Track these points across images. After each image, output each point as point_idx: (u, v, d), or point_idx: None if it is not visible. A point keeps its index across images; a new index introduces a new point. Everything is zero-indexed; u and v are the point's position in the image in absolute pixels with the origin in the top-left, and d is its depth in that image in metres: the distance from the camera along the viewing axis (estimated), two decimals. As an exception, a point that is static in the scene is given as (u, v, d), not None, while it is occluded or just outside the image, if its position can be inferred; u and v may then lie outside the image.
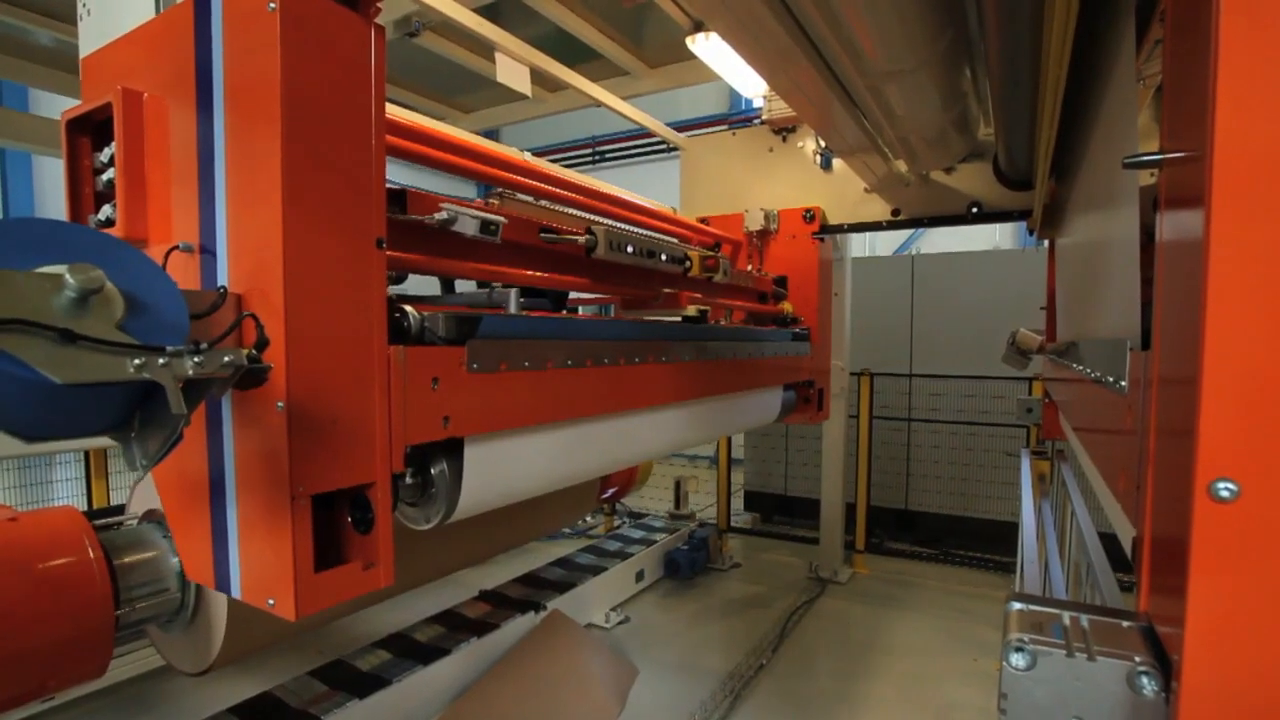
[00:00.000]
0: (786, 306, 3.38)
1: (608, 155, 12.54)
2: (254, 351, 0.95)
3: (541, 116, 4.61)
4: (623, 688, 3.60)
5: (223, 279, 1.10)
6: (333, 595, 1.11)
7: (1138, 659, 0.59)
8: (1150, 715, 0.58)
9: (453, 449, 1.38)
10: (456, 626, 3.62)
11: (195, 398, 0.85)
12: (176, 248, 1.14)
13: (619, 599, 4.81)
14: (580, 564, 4.88)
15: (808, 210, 3.44)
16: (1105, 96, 1.28)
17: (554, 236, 1.88)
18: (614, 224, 2.35)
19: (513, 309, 1.62)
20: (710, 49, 3.40)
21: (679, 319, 2.47)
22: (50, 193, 9.57)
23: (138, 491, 2.13)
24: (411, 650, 3.35)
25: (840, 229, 3.48)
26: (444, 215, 1.50)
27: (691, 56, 3.54)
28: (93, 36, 1.32)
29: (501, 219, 1.62)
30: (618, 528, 6.27)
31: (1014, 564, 2.32)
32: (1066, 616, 0.68)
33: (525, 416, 1.53)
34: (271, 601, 1.08)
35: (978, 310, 6.06)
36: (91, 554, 1.63)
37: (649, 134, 4.34)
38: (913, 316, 6.40)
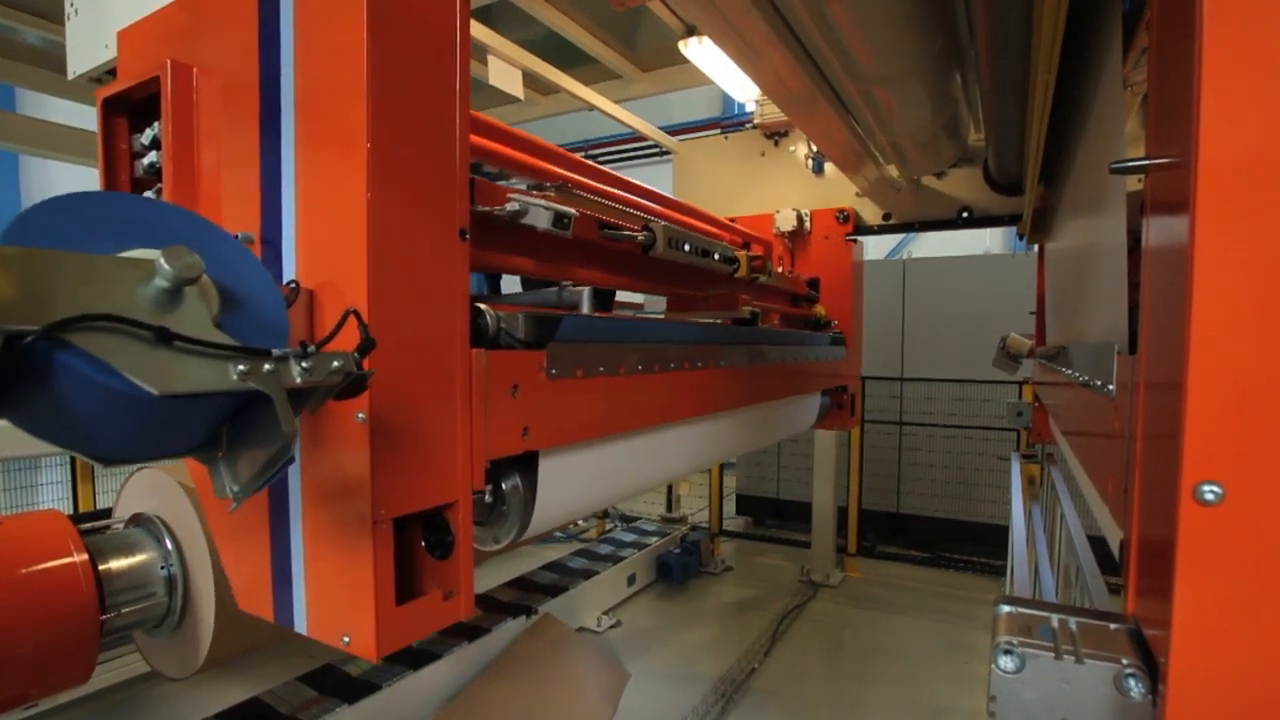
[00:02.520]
0: (820, 309, 3.32)
1: (600, 159, 12.55)
2: (358, 356, 0.82)
3: (534, 120, 4.61)
4: (614, 691, 3.58)
5: (290, 273, 0.98)
6: (414, 631, 0.99)
7: (1125, 661, 0.59)
8: (1137, 717, 0.58)
9: (526, 462, 1.27)
10: (447, 630, 3.60)
11: (294, 411, 0.73)
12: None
13: (611, 603, 4.80)
14: (572, 568, 4.87)
15: (841, 211, 3.31)
16: (1093, 103, 1.29)
17: (617, 233, 1.75)
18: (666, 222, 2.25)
19: (586, 309, 1.51)
20: (702, 53, 3.41)
21: (730, 321, 2.40)
22: (37, 195, 9.48)
23: (124, 495, 2.11)
24: (401, 654, 3.33)
25: (873, 230, 3.35)
26: (515, 207, 1.39)
27: (684, 60, 3.56)
28: (80, 36, 1.31)
29: (573, 212, 1.50)
30: (609, 531, 6.26)
31: (1004, 567, 2.33)
32: (1055, 619, 0.68)
33: (600, 426, 1.43)
34: (347, 639, 0.96)
35: (968, 315, 6.10)
36: (76, 558, 1.61)
37: (641, 137, 4.35)
38: (904, 321, 6.43)
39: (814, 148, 3.44)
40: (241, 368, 0.67)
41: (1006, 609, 0.71)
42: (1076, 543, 1.76)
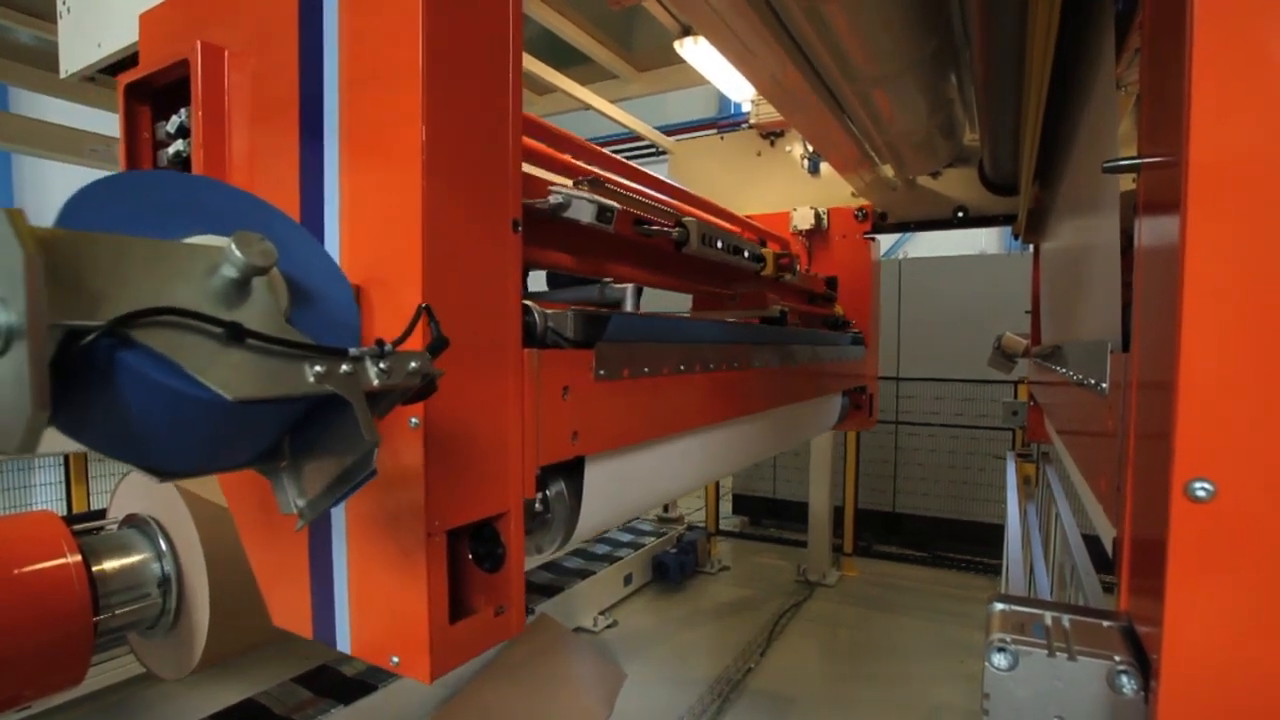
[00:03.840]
0: (838, 309, 3.28)
1: (597, 158, 12.53)
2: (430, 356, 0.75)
3: (530, 119, 4.60)
4: (611, 691, 3.58)
5: None
6: (467, 651, 0.93)
7: (1117, 658, 0.60)
8: (1130, 714, 0.58)
9: (571, 469, 1.22)
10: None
11: (353, 417, 0.65)
12: None
13: (607, 602, 4.80)
14: (568, 567, 4.86)
15: (860, 209, 3.24)
16: (1087, 103, 1.30)
17: (651, 229, 1.69)
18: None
19: (629, 307, 1.46)
20: (698, 53, 3.41)
21: (758, 320, 2.36)
22: (30, 195, 9.43)
23: (119, 496, 2.10)
24: (398, 655, 3.33)
25: (892, 228, 3.30)
26: (557, 199, 1.33)
27: (680, 60, 3.56)
28: (73, 34, 1.30)
29: (617, 205, 1.45)
30: (605, 531, 6.26)
31: (1000, 566, 2.34)
32: (1048, 617, 0.68)
33: (645, 429, 1.38)
34: (396, 660, 0.89)
35: (964, 314, 6.11)
36: (70, 559, 1.60)
37: (637, 137, 4.35)
38: (899, 321, 6.44)
39: (810, 148, 3.45)
40: (319, 369, 0.60)
41: (1000, 607, 0.71)
42: (1071, 541, 1.77)
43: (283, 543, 1.01)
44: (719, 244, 1.95)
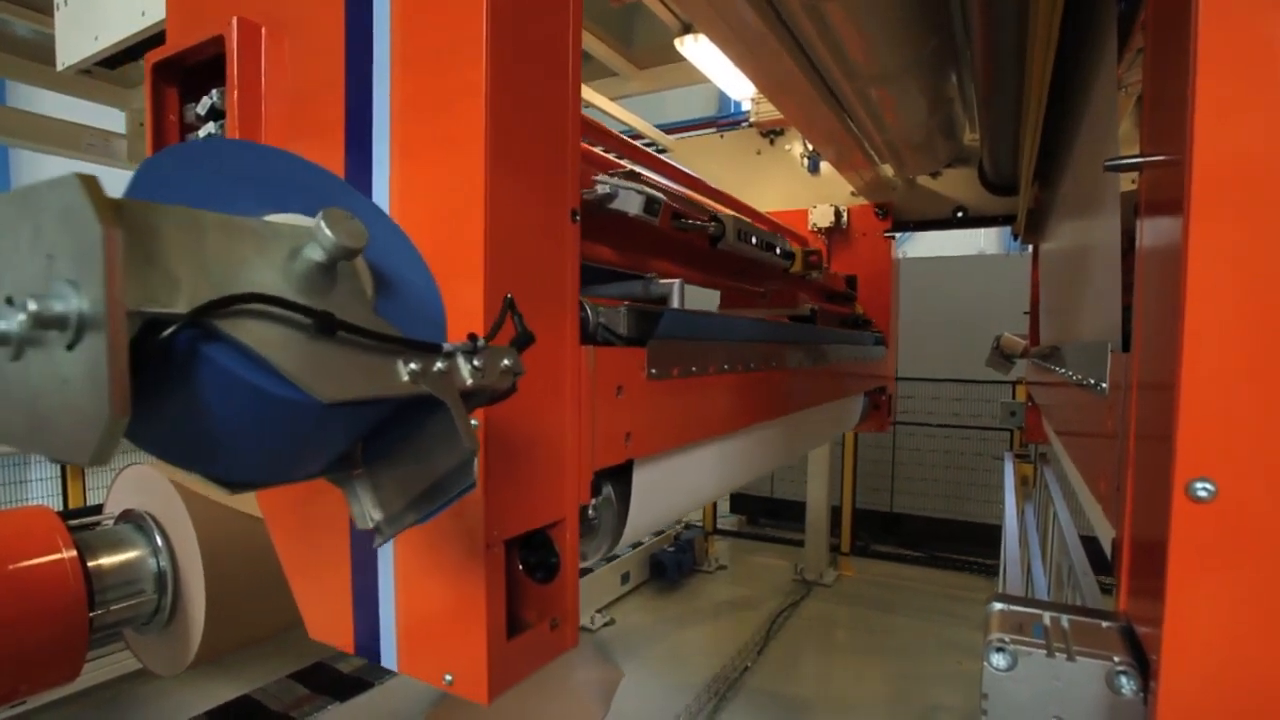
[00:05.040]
0: (859, 308, 3.25)
1: (596, 157, 12.52)
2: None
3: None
4: (607, 690, 3.58)
5: None
6: (524, 668, 0.88)
7: (1116, 659, 0.60)
8: (1129, 715, 0.58)
9: (619, 472, 1.15)
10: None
11: (446, 420, 0.56)
12: None
13: (604, 601, 4.80)
14: (566, 566, 4.87)
15: (879, 206, 3.18)
16: (1088, 103, 1.30)
17: (688, 223, 1.63)
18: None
19: (676, 303, 1.40)
20: (699, 51, 3.40)
21: (788, 319, 2.33)
22: (28, 188, 9.37)
23: (115, 491, 2.09)
24: (394, 653, 3.33)
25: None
26: (605, 190, 1.27)
27: (680, 58, 3.55)
28: (69, 27, 1.30)
29: (663, 197, 1.39)
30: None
31: (997, 566, 2.35)
32: (1047, 617, 0.68)
33: (691, 430, 1.34)
34: (449, 678, 0.84)
35: (962, 314, 6.12)
36: (65, 555, 1.60)
37: (637, 135, 4.34)
38: (898, 320, 6.44)
39: (809, 146, 3.45)
40: (414, 366, 0.54)
41: (999, 607, 0.71)
42: (1069, 542, 1.77)
43: (322, 551, 0.95)
44: (753, 240, 1.90)
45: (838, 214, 3.25)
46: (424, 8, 0.82)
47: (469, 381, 0.57)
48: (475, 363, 0.57)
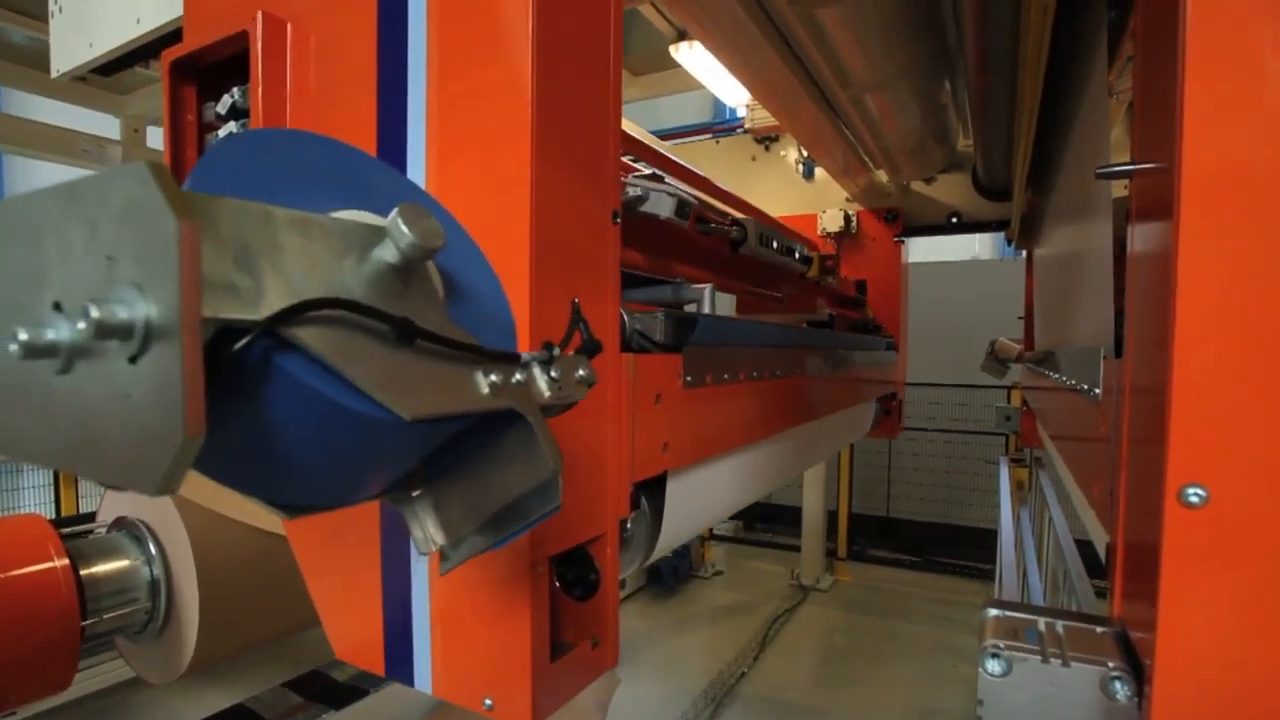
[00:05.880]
0: (869, 313, 3.24)
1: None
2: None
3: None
4: (604, 696, 3.57)
5: None
6: (567, 690, 0.84)
7: (1111, 664, 0.60)
8: (1123, 720, 0.58)
9: (651, 484, 1.12)
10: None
11: (524, 435, 0.53)
12: None
13: (601, 607, 4.78)
14: (562, 572, 4.85)
15: (890, 211, 3.17)
16: (1079, 110, 1.31)
17: (711, 227, 1.59)
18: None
19: (707, 309, 1.37)
20: (693, 58, 3.42)
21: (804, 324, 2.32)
22: (22, 193, 9.34)
23: (108, 499, 2.08)
24: (389, 660, 3.31)
25: (923, 231, 3.25)
26: (636, 192, 1.23)
27: (675, 65, 3.57)
28: (64, 34, 1.29)
29: (694, 200, 1.36)
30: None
31: (993, 571, 2.35)
32: (1042, 622, 0.68)
33: (723, 439, 1.30)
34: (489, 703, 0.80)
35: (957, 319, 6.14)
36: (57, 563, 1.59)
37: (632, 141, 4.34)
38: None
39: (804, 153, 3.46)
40: (494, 378, 0.50)
41: (994, 612, 0.71)
42: (1064, 546, 1.77)
43: (350, 567, 0.90)
44: (774, 244, 1.87)
45: (847, 219, 3.23)
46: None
47: (546, 394, 0.53)
48: (551, 374, 0.54)
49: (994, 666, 0.63)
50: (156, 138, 3.51)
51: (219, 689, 3.29)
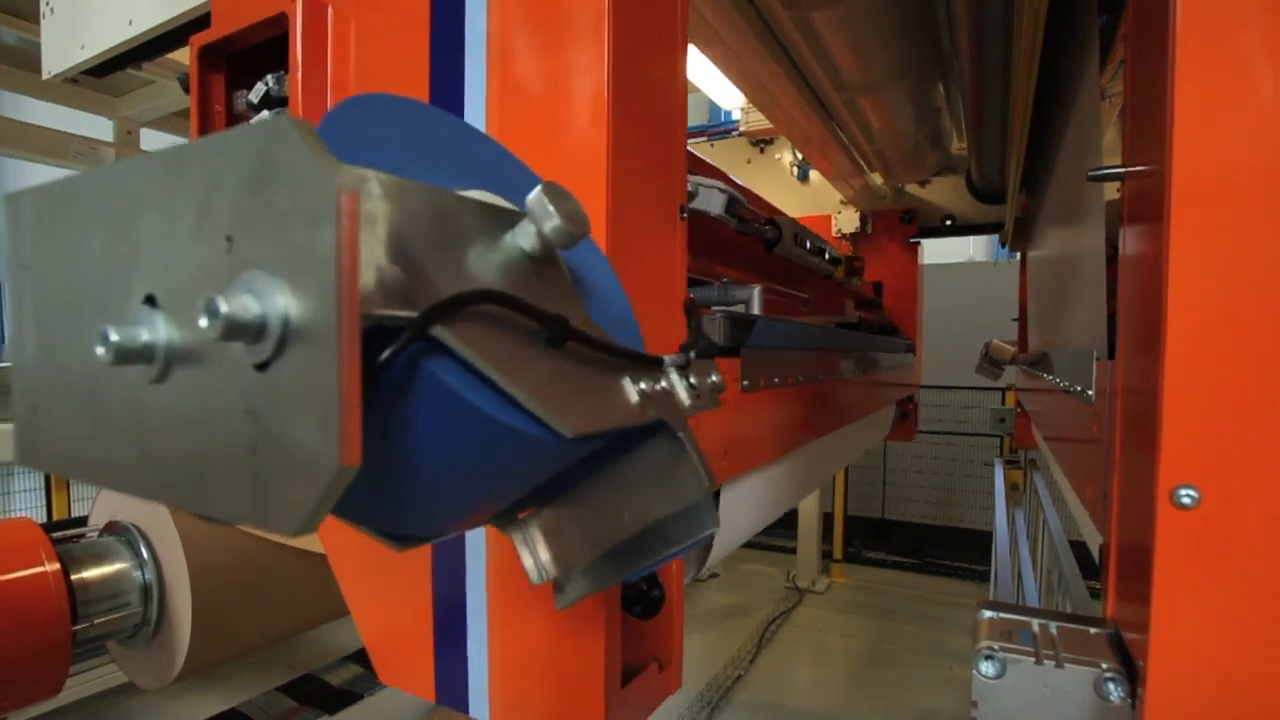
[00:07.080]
0: (885, 314, 3.22)
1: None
2: None
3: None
4: None
5: None
6: (638, 717, 0.79)
7: (1104, 666, 0.60)
8: (1117, 722, 0.58)
9: None
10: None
11: (665, 451, 0.47)
12: None
13: (597, 610, 4.77)
14: (558, 575, 4.84)
15: (905, 212, 3.13)
16: (1072, 113, 1.31)
17: (752, 226, 1.55)
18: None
19: (757, 310, 1.32)
20: (689, 60, 3.42)
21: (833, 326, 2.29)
22: (14, 195, 9.27)
23: (100, 502, 2.07)
24: (384, 664, 3.29)
25: (939, 231, 3.22)
26: (687, 187, 1.28)
27: (671, 68, 3.57)
28: (56, 35, 1.29)
29: (743, 197, 1.32)
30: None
31: (988, 572, 2.35)
32: (1035, 624, 0.69)
33: (776, 445, 1.25)
34: None
35: (952, 321, 6.15)
36: (48, 568, 1.58)
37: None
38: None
39: (799, 155, 3.47)
40: (642, 386, 0.44)
41: (988, 614, 0.71)
42: (1058, 547, 1.77)
43: (397, 585, 0.84)
44: (807, 244, 1.84)
45: (863, 219, 3.21)
46: None
47: (687, 403, 0.47)
48: (690, 381, 0.48)
49: (988, 668, 0.63)
50: (150, 140, 3.49)
51: (212, 694, 3.27)
